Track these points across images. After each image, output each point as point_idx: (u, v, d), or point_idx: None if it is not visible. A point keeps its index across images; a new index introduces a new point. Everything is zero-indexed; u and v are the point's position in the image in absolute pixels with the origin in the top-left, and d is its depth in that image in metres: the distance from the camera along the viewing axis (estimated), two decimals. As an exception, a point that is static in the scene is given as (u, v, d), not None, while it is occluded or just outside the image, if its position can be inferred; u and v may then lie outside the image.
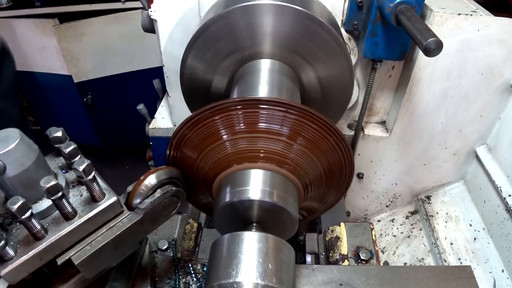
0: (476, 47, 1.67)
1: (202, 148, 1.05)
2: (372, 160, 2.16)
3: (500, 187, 1.88)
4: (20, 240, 0.83)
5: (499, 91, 1.82)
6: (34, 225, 0.80)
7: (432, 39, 1.10)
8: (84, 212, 0.88)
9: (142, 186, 0.96)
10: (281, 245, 0.89)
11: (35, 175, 0.85)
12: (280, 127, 1.01)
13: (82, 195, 0.92)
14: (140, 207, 0.95)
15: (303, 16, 1.27)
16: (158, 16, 1.71)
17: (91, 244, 0.88)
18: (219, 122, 1.02)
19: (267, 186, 0.99)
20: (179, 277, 1.21)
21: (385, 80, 1.92)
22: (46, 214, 0.88)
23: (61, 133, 0.92)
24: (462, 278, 1.09)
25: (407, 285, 1.09)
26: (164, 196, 0.98)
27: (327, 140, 1.04)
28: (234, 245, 0.85)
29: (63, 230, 0.84)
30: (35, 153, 0.85)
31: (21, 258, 0.81)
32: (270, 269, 0.81)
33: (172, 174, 1.03)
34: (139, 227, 0.95)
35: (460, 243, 2.07)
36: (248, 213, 1.01)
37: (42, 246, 0.82)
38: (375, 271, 1.12)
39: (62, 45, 3.66)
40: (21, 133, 0.83)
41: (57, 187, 0.79)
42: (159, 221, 1.02)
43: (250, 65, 1.34)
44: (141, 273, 1.17)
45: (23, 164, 0.82)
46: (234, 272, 0.80)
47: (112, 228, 0.91)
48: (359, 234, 1.36)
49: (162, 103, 2.32)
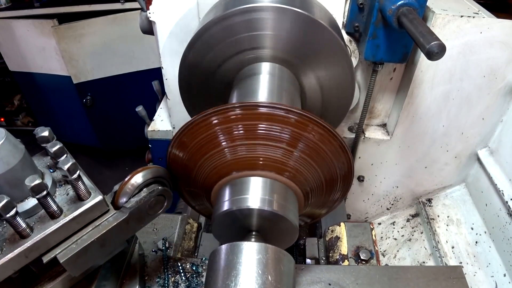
0: (479, 50, 1.65)
1: (200, 155, 1.04)
2: (373, 163, 2.14)
3: (502, 190, 1.86)
4: (6, 238, 0.84)
5: (501, 94, 1.81)
6: (19, 224, 0.81)
7: (435, 42, 1.08)
8: (70, 210, 0.89)
9: (128, 185, 0.96)
10: (281, 255, 0.87)
11: (21, 174, 0.85)
12: (279, 134, 0.99)
13: (68, 194, 0.93)
14: (126, 206, 0.96)
15: (303, 18, 1.25)
16: (156, 17, 1.69)
17: (76, 243, 0.89)
18: (218, 128, 1.00)
19: (267, 194, 0.98)
20: (168, 276, 1.22)
21: (386, 83, 1.90)
22: (32, 213, 0.89)
23: (47, 133, 0.92)
24: (453, 278, 1.09)
25: (396, 285, 1.08)
26: (150, 195, 0.98)
27: (327, 146, 1.02)
28: (233, 256, 0.84)
29: (48, 229, 0.85)
30: (21, 153, 0.86)
31: (7, 256, 0.81)
32: (270, 281, 0.79)
33: (159, 173, 1.03)
34: (125, 226, 0.96)
35: (462, 246, 2.06)
36: (247, 222, 0.99)
37: (27, 244, 0.83)
38: (365, 271, 1.12)
39: (61, 45, 3.64)
40: (6, 133, 0.83)
41: (42, 186, 0.79)
42: (145, 220, 1.03)
43: (250, 68, 1.33)
44: (130, 272, 1.18)
45: (8, 163, 0.83)
46: (232, 284, 0.79)
47: (98, 227, 0.92)
48: (359, 234, 1.36)
49: (161, 105, 2.30)
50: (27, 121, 5.16)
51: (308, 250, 1.48)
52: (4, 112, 5.11)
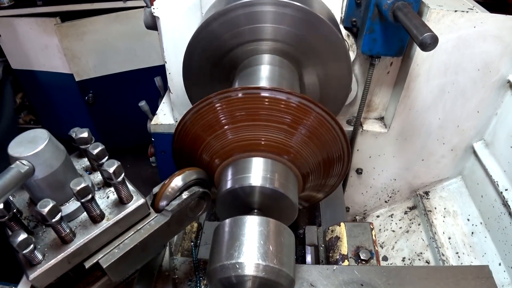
0: (473, 43, 1.70)
1: (204, 138, 1.08)
2: (371, 156, 2.18)
3: (497, 181, 1.90)
4: (48, 243, 0.82)
5: (496, 87, 1.85)
6: (63, 229, 0.79)
7: (427, 33, 1.13)
8: (112, 214, 0.86)
9: (168, 189, 0.95)
10: (282, 228, 0.91)
11: (63, 177, 0.83)
12: (281, 117, 1.03)
13: (108, 197, 0.90)
14: (167, 209, 0.94)
15: (303, 12, 1.29)
16: (160, 13, 1.74)
17: (118, 247, 0.86)
18: (221, 111, 1.04)
19: (268, 173, 1.02)
20: (199, 279, 1.19)
21: (383, 76, 1.95)
22: (73, 217, 0.87)
23: (87, 134, 0.90)
24: (481, 277, 1.10)
25: (427, 285, 1.09)
26: (191, 198, 0.97)
27: (326, 130, 1.07)
28: (236, 228, 0.88)
29: (91, 233, 0.82)
30: (63, 154, 0.83)
31: (50, 262, 0.78)
32: (271, 250, 0.84)
33: (198, 175, 1.02)
34: (166, 229, 0.94)
35: (458, 237, 2.10)
36: (249, 199, 1.03)
37: (70, 249, 0.80)
38: (396, 271, 1.13)
39: (63, 43, 3.68)
40: (49, 134, 0.80)
41: (88, 189, 0.77)
42: (185, 223, 1.02)
43: (251, 60, 1.37)
44: (162, 275, 1.16)
45: (51, 166, 0.80)
46: (236, 254, 0.83)
47: (139, 231, 0.90)
48: (359, 234, 1.37)
49: (164, 100, 2.34)
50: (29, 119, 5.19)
51: (308, 238, 1.52)
52: (6, 110, 5.15)
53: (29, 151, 0.76)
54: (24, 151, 0.76)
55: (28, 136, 0.79)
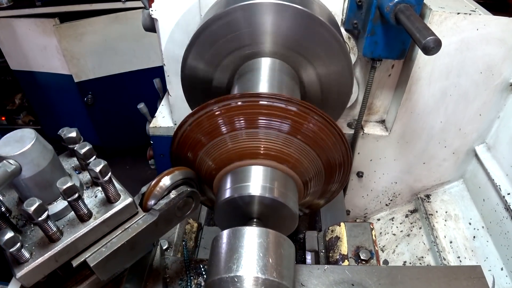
0: (475, 46, 1.68)
1: (203, 145, 1.06)
2: (371, 159, 2.17)
3: (499, 185, 1.88)
4: (35, 242, 0.82)
5: (498, 90, 1.83)
6: (50, 227, 0.79)
7: (430, 37, 1.11)
8: (100, 213, 0.86)
9: (157, 188, 0.95)
10: (281, 240, 0.89)
11: (50, 176, 0.83)
12: (280, 124, 1.01)
13: (96, 196, 0.91)
14: (155, 208, 0.94)
15: (303, 15, 1.27)
16: (159, 15, 1.72)
17: (106, 246, 0.87)
18: (220, 118, 1.02)
19: (268, 182, 1.00)
20: (190, 278, 1.19)
21: (384, 79, 1.93)
22: (60, 216, 0.87)
23: (75, 134, 0.90)
24: (473, 277, 1.09)
25: (418, 285, 1.09)
26: (179, 197, 0.97)
27: (326, 136, 1.05)
28: (235, 240, 0.86)
29: (78, 232, 0.83)
30: (50, 154, 0.83)
31: (37, 260, 0.79)
32: (271, 263, 0.82)
33: (187, 175, 1.02)
34: (154, 228, 0.94)
35: (460, 241, 2.08)
36: (248, 209, 1.01)
37: (58, 248, 0.81)
38: (387, 271, 1.12)
39: (62, 44, 3.66)
40: (36, 134, 0.80)
41: (74, 188, 0.77)
42: (173, 222, 1.01)
43: (251, 63, 1.35)
44: (152, 274, 1.15)
45: (39, 165, 0.80)
46: (235, 266, 0.81)
47: (127, 230, 0.90)
48: (359, 234, 1.36)
49: (163, 102, 2.33)
50: (28, 120, 5.18)
51: (308, 243, 1.50)
52: (5, 111, 5.13)
53: (16, 150, 0.77)
54: (11, 150, 0.77)
55: (15, 136, 0.80)
